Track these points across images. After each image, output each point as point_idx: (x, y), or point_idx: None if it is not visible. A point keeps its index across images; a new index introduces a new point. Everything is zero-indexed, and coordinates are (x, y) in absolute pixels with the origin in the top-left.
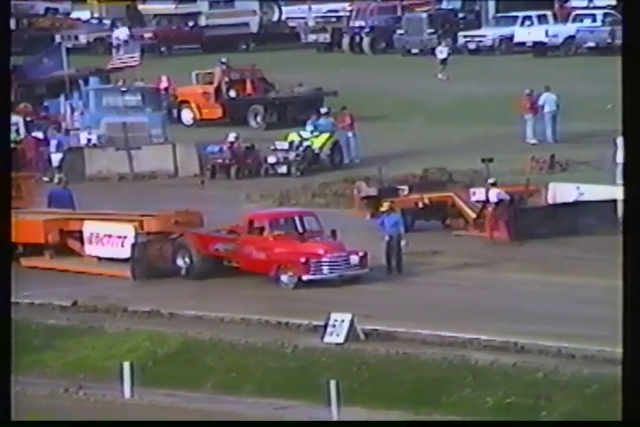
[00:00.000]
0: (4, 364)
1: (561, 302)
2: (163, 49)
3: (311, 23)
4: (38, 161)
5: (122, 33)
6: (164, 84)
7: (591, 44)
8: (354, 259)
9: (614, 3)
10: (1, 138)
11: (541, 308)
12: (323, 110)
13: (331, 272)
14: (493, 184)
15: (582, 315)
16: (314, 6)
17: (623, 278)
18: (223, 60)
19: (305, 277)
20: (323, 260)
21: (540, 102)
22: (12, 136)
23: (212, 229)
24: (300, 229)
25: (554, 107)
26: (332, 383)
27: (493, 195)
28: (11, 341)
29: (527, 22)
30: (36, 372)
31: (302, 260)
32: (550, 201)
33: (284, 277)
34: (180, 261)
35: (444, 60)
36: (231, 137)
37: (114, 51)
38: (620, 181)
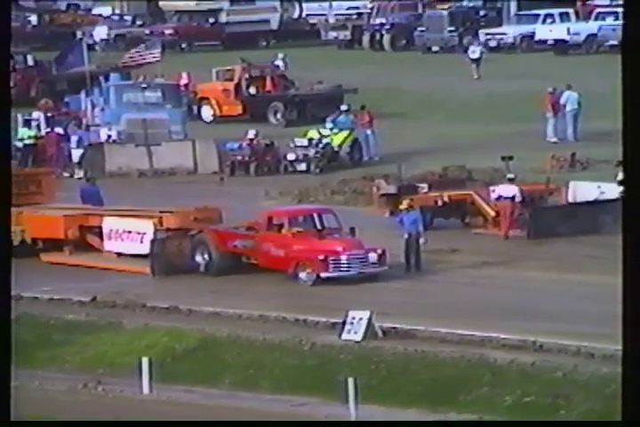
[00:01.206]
0: (4, 364)
1: (580, 300)
2: (183, 45)
3: (331, 20)
4: (59, 157)
5: (101, 32)
6: (184, 81)
7: (613, 42)
8: (372, 256)
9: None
10: (1, 134)
11: (560, 306)
12: (342, 108)
13: (349, 270)
14: (510, 180)
15: (602, 314)
16: (334, 3)
17: (623, 277)
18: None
19: (323, 275)
20: (341, 257)
21: (562, 100)
22: (33, 132)
23: (231, 225)
24: (319, 227)
25: (575, 105)
26: (350, 381)
27: (505, 190)
28: (10, 341)
29: (549, 20)
30: (54, 367)
31: (321, 257)
32: (571, 200)
33: (302, 275)
34: (198, 258)
35: (477, 60)
36: (251, 134)
37: (99, 48)
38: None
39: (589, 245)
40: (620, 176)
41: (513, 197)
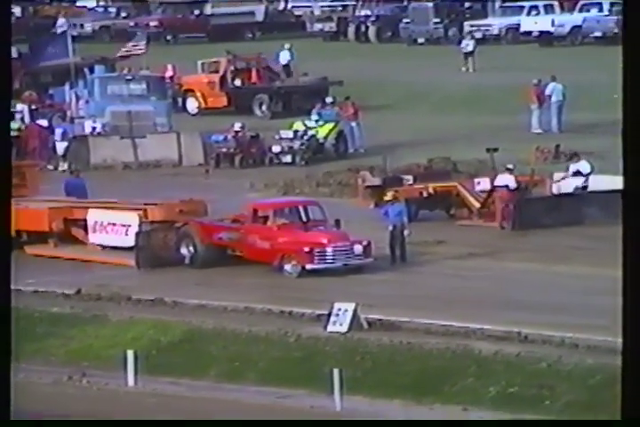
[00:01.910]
0: (4, 363)
1: (565, 291)
2: (168, 37)
3: (317, 12)
4: (42, 149)
5: (62, 24)
6: (169, 73)
7: (598, 33)
8: (358, 248)
9: None
10: (1, 126)
11: (545, 298)
12: (328, 100)
13: (334, 262)
14: (509, 170)
15: (586, 305)
16: None
17: (623, 269)
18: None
19: (309, 267)
20: (327, 249)
21: (548, 92)
22: (17, 124)
23: (217, 218)
24: (305, 219)
25: (560, 97)
26: (336, 372)
27: (503, 180)
28: (11, 339)
29: (534, 12)
30: (39, 360)
31: (306, 249)
32: (555, 191)
33: (287, 267)
34: (184, 250)
35: (469, 53)
36: (237, 126)
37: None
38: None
39: (573, 236)
40: (573, 168)
41: (512, 188)
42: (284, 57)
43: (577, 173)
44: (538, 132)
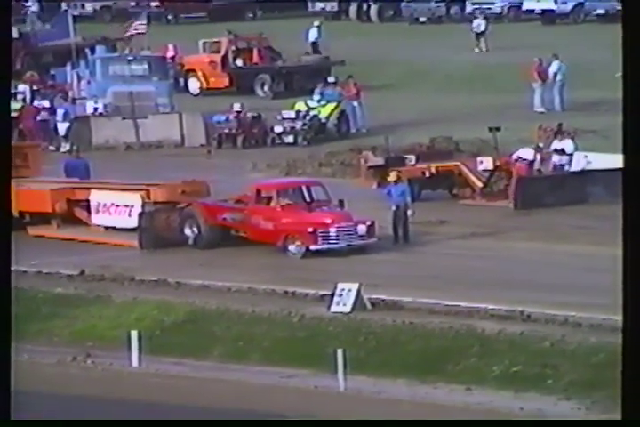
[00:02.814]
0: (4, 363)
1: (568, 270)
2: (169, 17)
3: None
4: (38, 130)
5: (33, 4)
6: (170, 53)
7: (600, 11)
8: (361, 228)
9: None
10: (1, 106)
11: (548, 277)
12: (330, 79)
13: (338, 242)
14: (536, 148)
15: (589, 284)
16: None
17: (623, 248)
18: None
19: (312, 247)
20: (330, 229)
21: (552, 70)
22: (19, 105)
23: (220, 198)
24: (308, 199)
25: (563, 75)
26: (339, 352)
27: (525, 153)
28: (10, 336)
29: None
30: (43, 340)
31: (310, 229)
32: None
33: (291, 247)
34: (187, 231)
35: (481, 34)
36: (236, 107)
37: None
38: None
39: (576, 215)
40: (556, 145)
41: (531, 162)
42: (313, 34)
43: (560, 151)
44: (540, 110)
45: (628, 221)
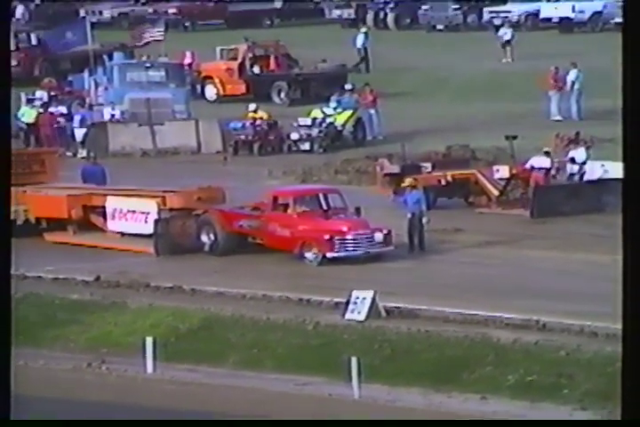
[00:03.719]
0: (4, 363)
1: (584, 279)
2: (187, 24)
3: None
4: (56, 136)
5: (19, 11)
6: (187, 60)
7: (618, 19)
8: (378, 236)
9: None
10: (1, 112)
11: (564, 286)
12: (346, 87)
13: (355, 250)
14: (546, 153)
15: (605, 293)
16: None
17: (623, 256)
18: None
19: (329, 255)
20: (347, 237)
21: (570, 78)
22: (37, 111)
23: (235, 205)
24: (325, 207)
25: (580, 84)
26: (354, 360)
27: (539, 162)
28: (10, 336)
29: None
30: (59, 346)
31: (326, 237)
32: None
33: (308, 254)
34: (204, 238)
35: (508, 42)
36: (251, 107)
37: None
38: None
39: (593, 224)
40: (570, 154)
41: (547, 170)
42: (360, 40)
43: (572, 160)
44: (557, 119)
45: (627, 230)
